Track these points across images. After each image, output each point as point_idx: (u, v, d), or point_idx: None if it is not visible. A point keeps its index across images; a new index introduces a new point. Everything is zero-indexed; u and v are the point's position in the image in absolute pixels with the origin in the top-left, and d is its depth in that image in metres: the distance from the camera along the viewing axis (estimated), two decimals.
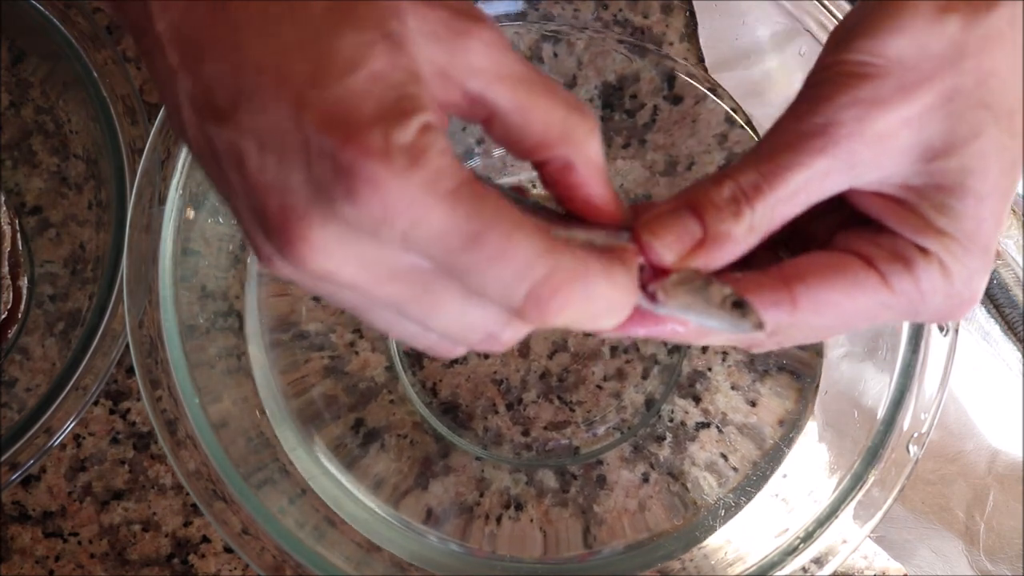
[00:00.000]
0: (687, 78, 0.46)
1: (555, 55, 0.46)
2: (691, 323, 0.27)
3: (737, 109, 0.46)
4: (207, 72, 0.23)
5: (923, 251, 0.27)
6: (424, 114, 0.22)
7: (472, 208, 0.22)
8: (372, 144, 0.21)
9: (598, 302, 0.24)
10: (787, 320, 0.28)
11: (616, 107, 0.47)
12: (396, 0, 0.23)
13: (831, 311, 0.28)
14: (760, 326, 0.26)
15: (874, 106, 0.26)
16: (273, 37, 0.23)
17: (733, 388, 0.46)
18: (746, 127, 0.46)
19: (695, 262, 0.27)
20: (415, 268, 0.23)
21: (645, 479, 0.46)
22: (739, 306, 0.26)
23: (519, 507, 0.46)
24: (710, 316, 0.26)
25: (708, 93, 0.46)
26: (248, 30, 0.23)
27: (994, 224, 0.27)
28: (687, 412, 0.47)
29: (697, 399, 0.47)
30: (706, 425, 0.46)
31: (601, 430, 0.47)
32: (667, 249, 0.27)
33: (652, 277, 0.27)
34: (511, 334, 0.25)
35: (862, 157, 0.26)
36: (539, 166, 0.26)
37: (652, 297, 0.26)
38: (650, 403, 0.47)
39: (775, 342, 0.29)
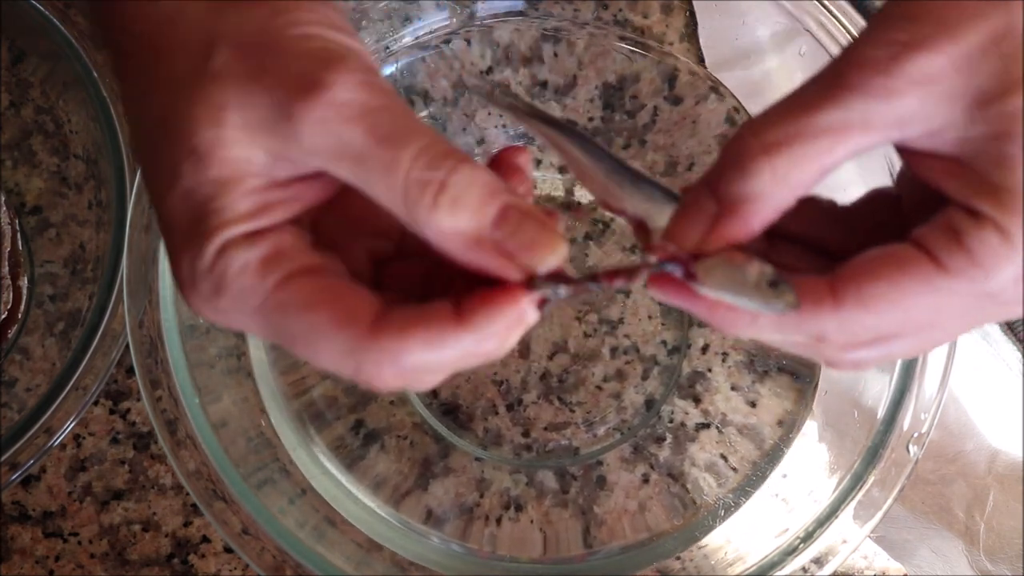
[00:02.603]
0: (689, 76, 0.46)
1: (555, 55, 0.46)
2: (726, 302, 0.25)
3: (739, 109, 0.46)
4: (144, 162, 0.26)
5: (975, 216, 0.24)
6: (224, 232, 0.24)
7: (278, 319, 0.24)
8: (183, 274, 0.25)
9: (430, 365, 0.25)
10: (833, 320, 0.25)
11: (616, 107, 0.47)
12: (223, 95, 0.24)
13: (882, 305, 0.24)
14: (794, 306, 0.24)
15: (913, 47, 0.23)
16: (140, 140, 0.26)
17: (733, 389, 0.46)
18: None
19: (724, 237, 0.25)
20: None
21: (645, 479, 0.46)
22: (775, 285, 0.24)
23: (519, 508, 0.46)
24: (744, 295, 0.24)
25: (710, 92, 0.46)
26: (135, 129, 0.26)
27: None
28: (687, 413, 0.47)
29: (697, 400, 0.47)
30: (706, 426, 0.46)
31: (601, 431, 0.47)
32: (686, 240, 0.26)
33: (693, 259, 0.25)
34: (386, 383, 0.25)
35: (905, 104, 0.23)
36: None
37: (693, 277, 0.25)
38: (650, 404, 0.47)
39: (851, 361, 0.26)
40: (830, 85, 0.24)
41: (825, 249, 0.28)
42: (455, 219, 0.24)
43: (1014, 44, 0.23)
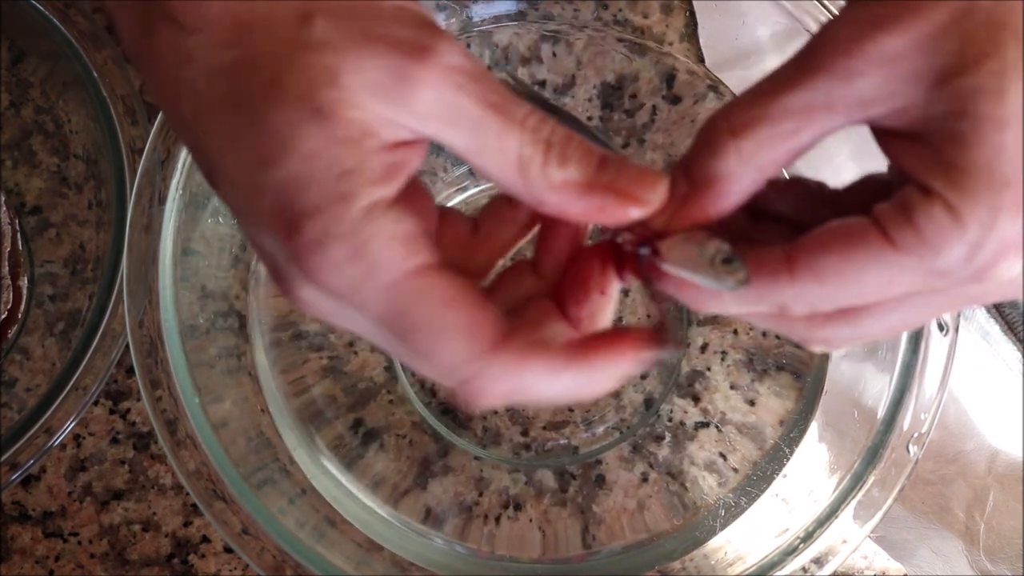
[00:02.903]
0: (687, 75, 0.46)
1: (554, 55, 0.46)
2: (686, 279, 0.26)
3: None
4: (191, 140, 0.25)
5: (926, 193, 0.24)
6: (369, 193, 0.23)
7: (405, 306, 0.24)
8: (305, 239, 0.23)
9: (535, 394, 0.25)
10: (789, 291, 0.25)
11: (615, 107, 0.47)
12: (333, 59, 0.23)
13: (833, 277, 0.25)
14: (744, 282, 0.25)
15: (876, 25, 0.24)
16: (220, 121, 0.24)
17: (732, 387, 0.46)
18: None
19: (688, 216, 0.26)
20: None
21: (644, 479, 0.46)
22: (728, 262, 0.25)
23: (518, 507, 0.46)
24: (700, 272, 0.25)
25: (709, 91, 0.46)
26: (205, 111, 0.24)
27: (1017, 155, 0.23)
28: (686, 412, 0.47)
29: (696, 399, 0.47)
30: (705, 425, 0.46)
31: (600, 430, 0.47)
32: (654, 218, 0.26)
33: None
34: (492, 400, 0.25)
35: (868, 81, 0.24)
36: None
37: (658, 254, 0.26)
38: (649, 403, 0.47)
39: (821, 338, 0.27)
40: (798, 67, 0.24)
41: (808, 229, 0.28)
42: (566, 171, 0.25)
43: (974, 23, 0.23)
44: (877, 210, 0.25)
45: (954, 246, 0.24)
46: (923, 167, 0.24)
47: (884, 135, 0.25)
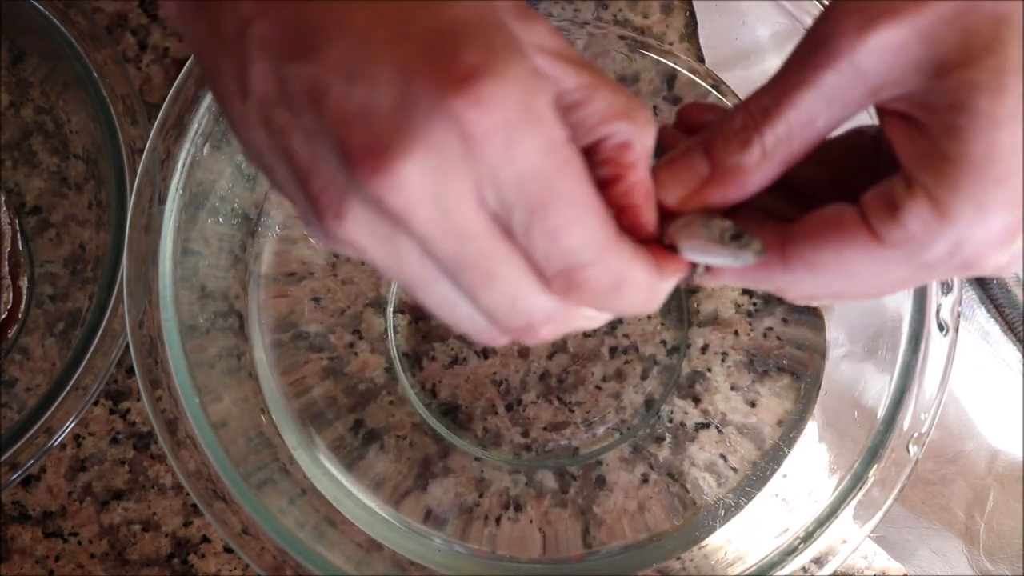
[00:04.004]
0: (689, 74, 0.46)
1: None
2: (699, 261, 0.27)
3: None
4: (289, 11, 0.22)
5: (911, 187, 0.24)
6: (534, 57, 0.23)
7: (563, 166, 0.22)
8: (480, 81, 0.21)
9: (620, 304, 0.25)
10: (784, 279, 0.26)
11: None
12: None
13: (827, 271, 0.25)
14: (761, 252, 0.25)
15: (877, 16, 0.24)
16: None
17: (732, 389, 0.46)
18: None
19: (707, 199, 0.26)
20: (486, 223, 0.22)
21: (644, 480, 0.46)
22: (738, 238, 0.25)
23: (518, 508, 0.46)
24: (713, 252, 0.26)
25: (711, 90, 0.46)
26: None
27: (1014, 154, 0.23)
28: (686, 412, 0.47)
29: (696, 399, 0.47)
30: (706, 426, 0.46)
31: (600, 431, 0.47)
32: (669, 193, 0.27)
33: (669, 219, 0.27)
34: (549, 330, 0.25)
35: (873, 71, 0.24)
36: (594, 147, 0.25)
37: (668, 238, 0.27)
38: (649, 403, 0.47)
39: (800, 295, 0.27)
40: (807, 60, 0.25)
41: (794, 184, 0.28)
42: None
43: (977, 16, 0.23)
44: (864, 200, 0.25)
45: (939, 242, 0.24)
46: (916, 155, 0.24)
47: (887, 115, 0.26)
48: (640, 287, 0.25)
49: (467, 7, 0.22)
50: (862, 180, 0.26)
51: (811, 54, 0.25)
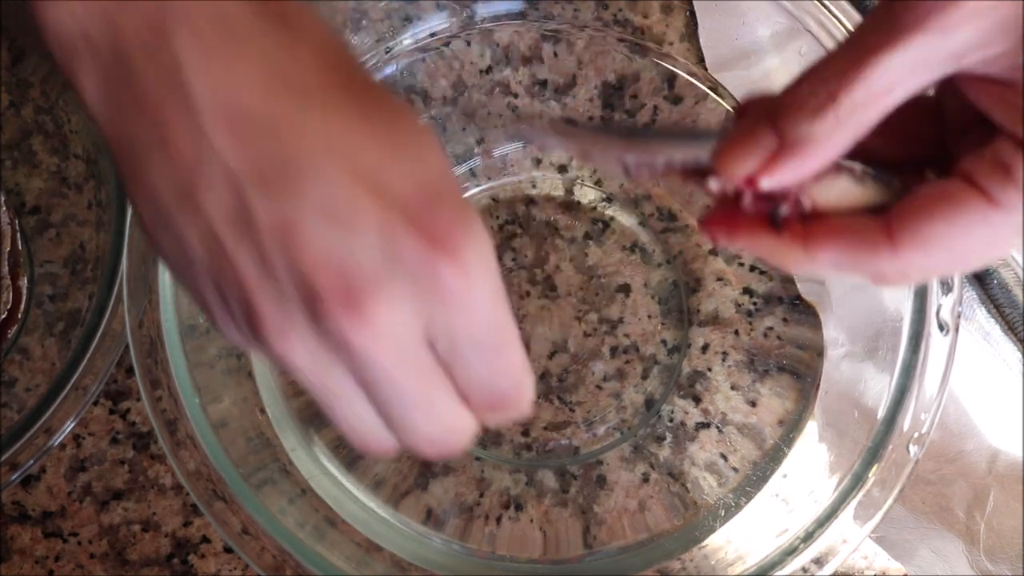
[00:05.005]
0: (688, 77, 0.46)
1: (555, 55, 0.46)
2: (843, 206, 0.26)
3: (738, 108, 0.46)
4: (263, 147, 0.23)
5: (1019, 145, 0.24)
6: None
7: (505, 312, 0.24)
8: (461, 236, 0.23)
9: (517, 412, 0.27)
10: (892, 264, 0.25)
11: (616, 107, 0.47)
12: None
13: (940, 246, 0.25)
14: (904, 184, 0.25)
15: None
16: (336, 118, 0.23)
17: (733, 388, 0.46)
18: None
19: (774, 175, 0.26)
20: (431, 359, 0.24)
21: (645, 479, 0.46)
22: (877, 178, 0.26)
23: (519, 507, 0.46)
24: (862, 200, 0.26)
25: (709, 92, 0.46)
26: (311, 111, 0.23)
27: None
28: (687, 412, 0.47)
29: (697, 399, 0.47)
30: (706, 425, 0.46)
31: (601, 430, 0.47)
32: (732, 171, 0.26)
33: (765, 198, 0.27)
34: (458, 439, 0.27)
35: (962, 34, 0.23)
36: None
37: (798, 204, 0.26)
38: (650, 403, 0.47)
39: (900, 276, 0.26)
40: (889, 25, 0.24)
41: (855, 152, 0.28)
42: None
43: None
44: (969, 168, 0.25)
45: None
46: (1017, 116, 0.24)
47: (974, 83, 0.25)
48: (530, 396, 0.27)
49: (435, 165, 0.24)
50: (925, 150, 0.26)
51: (895, 17, 0.24)
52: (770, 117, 0.26)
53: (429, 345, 0.24)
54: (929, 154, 0.27)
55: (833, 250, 0.26)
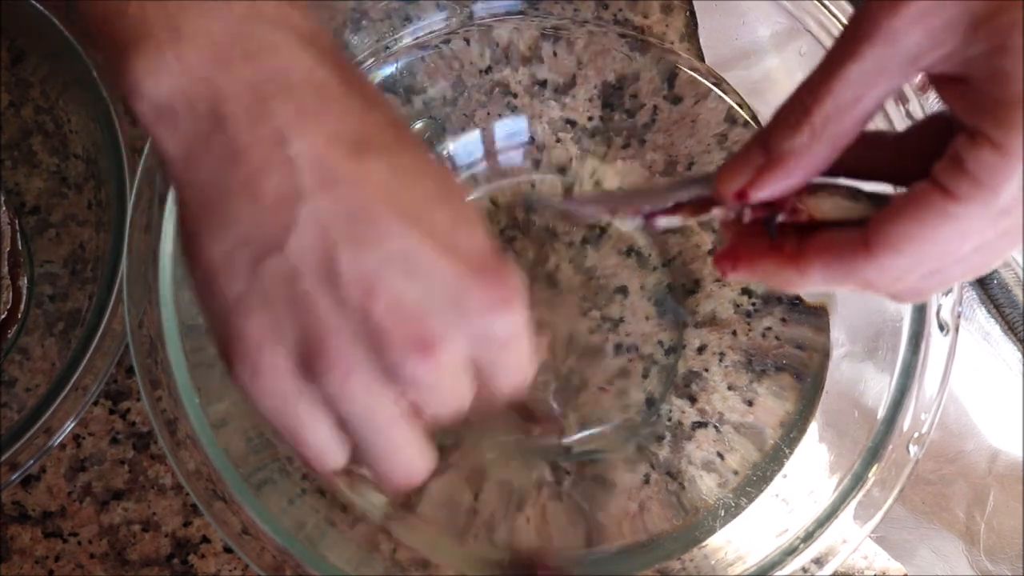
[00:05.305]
0: (690, 72, 0.46)
1: (555, 54, 0.46)
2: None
3: (742, 104, 0.46)
4: (351, 202, 0.25)
5: (972, 136, 0.25)
6: None
7: (530, 340, 0.28)
8: (513, 293, 0.27)
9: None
10: (872, 268, 0.27)
11: (616, 107, 0.47)
12: None
13: (909, 244, 0.26)
14: (884, 196, 0.27)
15: None
16: (414, 188, 0.26)
17: (730, 388, 0.46)
18: (752, 122, 0.46)
19: (765, 187, 0.28)
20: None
21: (645, 479, 0.46)
22: (871, 194, 0.28)
23: (518, 507, 0.46)
24: (853, 212, 0.27)
25: (712, 88, 0.46)
26: (396, 175, 0.26)
27: None
28: (684, 412, 0.47)
29: (693, 399, 0.47)
30: (704, 425, 0.46)
31: (600, 429, 0.47)
32: (729, 186, 0.29)
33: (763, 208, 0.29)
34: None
35: (912, 38, 0.25)
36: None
37: (795, 212, 0.29)
38: (650, 403, 0.47)
39: (911, 292, 0.28)
40: (848, 39, 0.26)
41: (875, 178, 0.30)
42: None
43: None
44: (934, 170, 0.26)
45: (1009, 182, 0.24)
46: (969, 108, 0.25)
47: (938, 82, 0.26)
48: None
49: (485, 230, 0.27)
50: (921, 165, 0.27)
51: (853, 31, 0.26)
52: (761, 138, 0.28)
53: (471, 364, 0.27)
54: (926, 169, 0.27)
55: (820, 265, 0.28)
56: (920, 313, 0.41)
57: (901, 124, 0.40)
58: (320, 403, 0.26)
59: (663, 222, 0.31)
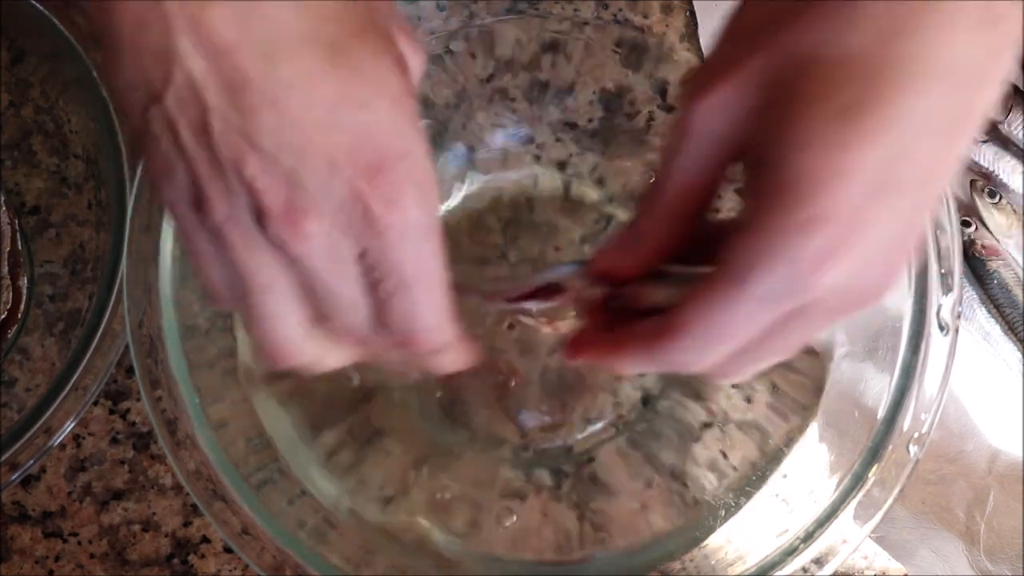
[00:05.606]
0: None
1: (552, 65, 0.46)
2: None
3: None
4: (227, 68, 0.25)
5: (736, 220, 0.26)
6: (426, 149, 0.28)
7: (431, 254, 0.28)
8: (395, 179, 0.26)
9: (436, 364, 0.31)
10: (673, 351, 0.28)
11: (616, 110, 0.47)
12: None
13: (700, 328, 0.27)
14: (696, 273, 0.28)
15: (707, 80, 0.27)
16: (304, 61, 0.26)
17: (734, 387, 0.46)
18: None
19: (627, 262, 0.30)
20: (364, 276, 0.28)
21: (646, 480, 0.46)
22: (664, 277, 0.30)
23: (518, 508, 0.46)
24: (674, 297, 0.29)
25: None
26: (281, 50, 0.25)
27: (824, 175, 0.24)
28: (687, 410, 0.47)
29: (698, 397, 0.47)
30: (708, 425, 0.46)
31: (599, 427, 0.47)
32: (594, 268, 0.31)
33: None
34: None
35: (716, 128, 0.27)
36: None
37: (635, 299, 0.31)
38: (647, 400, 0.47)
39: (698, 365, 0.29)
40: (673, 131, 0.28)
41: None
42: None
43: (784, 60, 0.25)
44: (718, 253, 0.27)
45: (773, 267, 0.25)
46: (745, 192, 0.27)
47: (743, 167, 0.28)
48: (452, 358, 0.30)
49: (390, 107, 0.26)
50: None
51: (676, 123, 0.28)
52: (624, 228, 0.31)
53: (360, 265, 0.27)
54: None
55: (630, 350, 0.30)
56: (920, 313, 0.41)
57: None
58: (208, 236, 0.27)
59: (524, 306, 0.34)
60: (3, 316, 0.48)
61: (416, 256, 0.27)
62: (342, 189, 0.26)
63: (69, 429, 0.44)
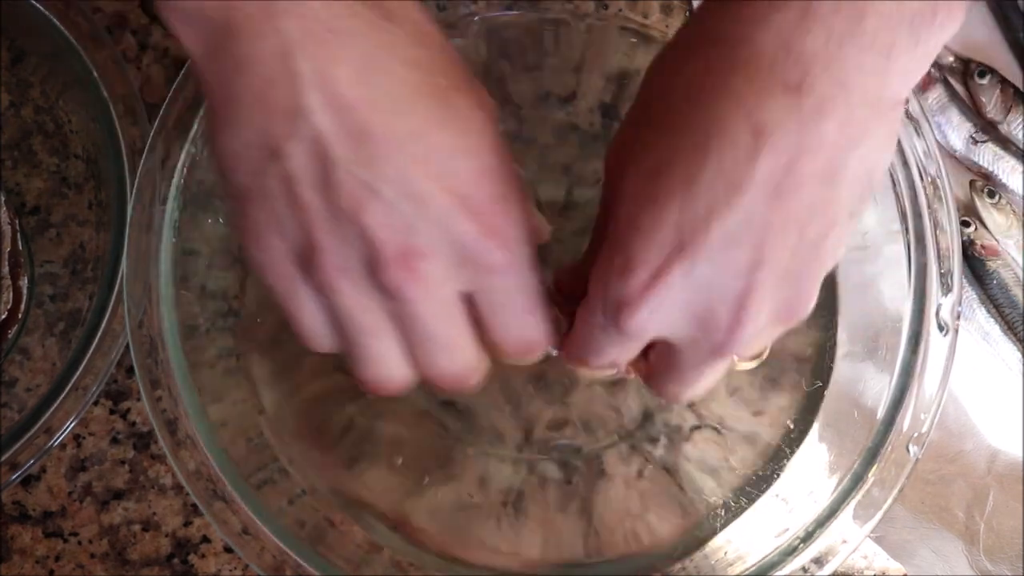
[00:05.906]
0: None
1: (556, 47, 0.46)
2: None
3: None
4: (353, 123, 0.27)
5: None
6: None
7: (535, 282, 0.32)
8: (493, 222, 0.29)
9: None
10: (572, 359, 0.33)
11: (613, 114, 0.47)
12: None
13: (579, 346, 0.32)
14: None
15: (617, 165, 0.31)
16: (419, 113, 0.28)
17: (732, 390, 0.46)
18: None
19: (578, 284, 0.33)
20: (467, 314, 0.31)
21: (646, 480, 0.46)
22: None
23: (519, 509, 0.46)
24: None
25: None
26: (399, 104, 0.28)
27: (627, 221, 0.28)
28: (684, 414, 0.47)
29: (692, 402, 0.47)
30: (706, 426, 0.46)
31: (600, 431, 0.47)
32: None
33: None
34: (470, 382, 0.34)
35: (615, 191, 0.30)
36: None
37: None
38: (647, 415, 0.47)
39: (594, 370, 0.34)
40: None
41: None
42: None
43: (631, 142, 0.30)
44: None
45: (597, 303, 0.29)
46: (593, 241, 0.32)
47: None
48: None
49: (494, 163, 0.29)
50: None
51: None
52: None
53: (464, 304, 0.30)
54: None
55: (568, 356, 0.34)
56: (920, 313, 0.41)
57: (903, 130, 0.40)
58: (313, 289, 0.29)
59: None
60: (3, 316, 0.48)
61: (527, 284, 0.30)
62: (455, 231, 0.28)
63: (69, 429, 0.44)
